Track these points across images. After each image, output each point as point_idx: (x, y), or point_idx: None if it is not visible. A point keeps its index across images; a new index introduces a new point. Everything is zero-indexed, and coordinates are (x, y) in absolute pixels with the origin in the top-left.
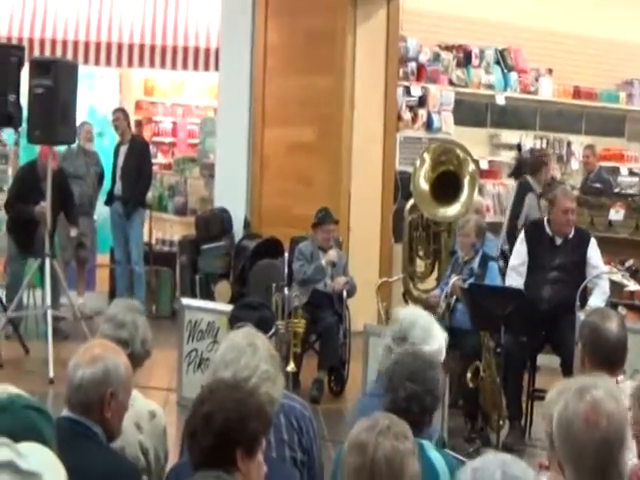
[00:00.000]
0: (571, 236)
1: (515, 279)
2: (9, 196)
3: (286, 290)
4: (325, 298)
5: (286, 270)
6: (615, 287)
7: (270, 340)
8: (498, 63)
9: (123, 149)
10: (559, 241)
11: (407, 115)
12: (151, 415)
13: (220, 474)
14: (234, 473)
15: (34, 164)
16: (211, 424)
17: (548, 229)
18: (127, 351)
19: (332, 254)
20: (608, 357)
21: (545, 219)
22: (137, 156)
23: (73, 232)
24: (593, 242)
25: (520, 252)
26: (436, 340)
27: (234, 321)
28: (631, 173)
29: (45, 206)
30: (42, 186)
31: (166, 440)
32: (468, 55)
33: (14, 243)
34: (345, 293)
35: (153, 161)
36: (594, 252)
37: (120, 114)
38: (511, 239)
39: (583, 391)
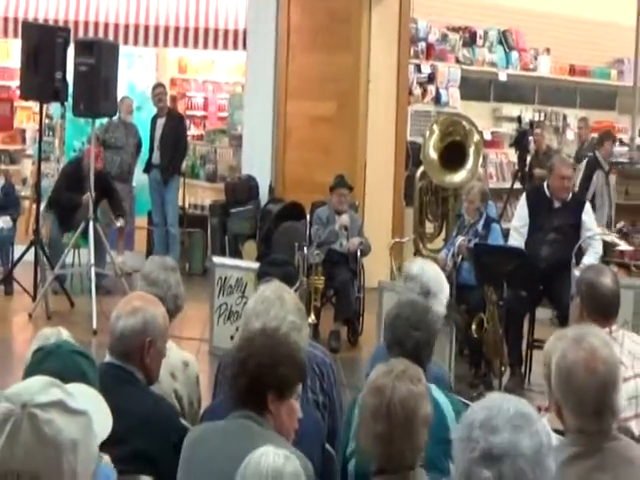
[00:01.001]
0: (568, 200)
1: (517, 239)
2: (56, 186)
3: (306, 250)
4: (341, 257)
5: (307, 232)
6: (607, 247)
7: (295, 293)
8: (501, 43)
9: (160, 121)
10: (557, 205)
11: (417, 90)
12: (184, 365)
13: (250, 414)
14: (265, 415)
15: (80, 161)
16: (246, 368)
17: (547, 193)
18: None
19: (344, 219)
20: (604, 309)
21: (545, 184)
22: (174, 128)
23: (119, 222)
24: (588, 207)
25: (521, 214)
26: (446, 288)
27: (262, 276)
28: (621, 143)
29: (89, 195)
30: (86, 182)
31: (199, 387)
32: (473, 36)
33: (56, 220)
34: (359, 252)
35: (187, 132)
36: (588, 216)
37: (162, 89)
38: None
39: (580, 340)
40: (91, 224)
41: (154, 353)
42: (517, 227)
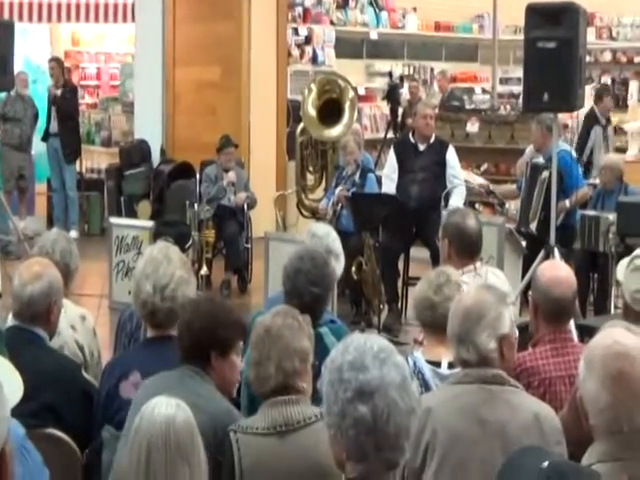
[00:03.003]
0: (432, 142)
1: (388, 185)
2: None
3: (197, 206)
4: (229, 211)
5: (197, 189)
6: (473, 189)
7: (188, 251)
8: (371, 4)
9: (56, 92)
10: (422, 147)
11: (296, 52)
12: (82, 318)
13: (195, 368)
14: (208, 370)
15: None
16: (190, 329)
17: (412, 139)
18: None
19: (231, 175)
20: (470, 249)
21: (410, 133)
22: (69, 99)
23: None
24: (451, 148)
25: (391, 162)
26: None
27: (157, 237)
28: (484, 91)
29: None
30: None
31: (96, 338)
32: None
33: None
34: (246, 206)
35: (81, 102)
36: (451, 156)
37: (54, 63)
38: None
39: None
40: None
41: (56, 310)
42: (388, 174)
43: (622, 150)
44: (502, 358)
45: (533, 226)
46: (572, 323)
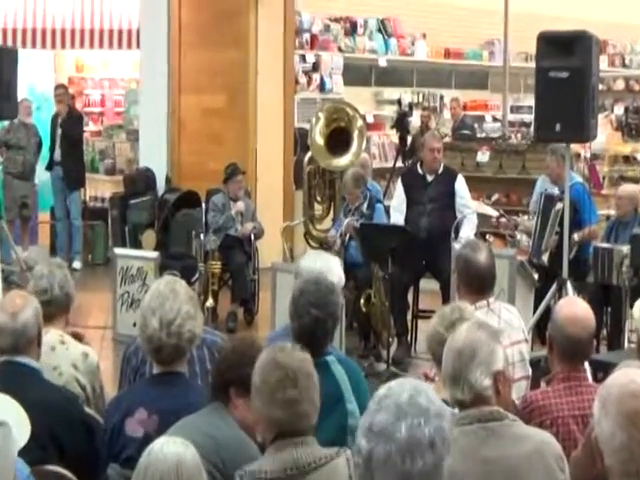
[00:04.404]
0: (440, 172)
1: (397, 218)
2: None
3: (202, 236)
4: (236, 241)
5: (203, 219)
6: (484, 219)
7: (195, 284)
8: (379, 31)
9: (61, 120)
10: (430, 178)
11: (303, 79)
12: (84, 356)
13: (217, 403)
14: (230, 407)
15: None
16: (217, 363)
17: (420, 170)
18: (46, 297)
19: (239, 205)
20: (478, 283)
21: (418, 163)
22: (73, 127)
23: None
24: (460, 178)
25: (398, 194)
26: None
27: (162, 270)
28: (494, 119)
29: None
30: None
31: (100, 375)
32: (354, 25)
33: None
34: (253, 236)
35: (85, 129)
36: (461, 185)
37: (62, 90)
38: None
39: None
40: None
41: (40, 333)
42: (396, 206)
43: (635, 180)
44: (498, 395)
45: (545, 258)
46: None
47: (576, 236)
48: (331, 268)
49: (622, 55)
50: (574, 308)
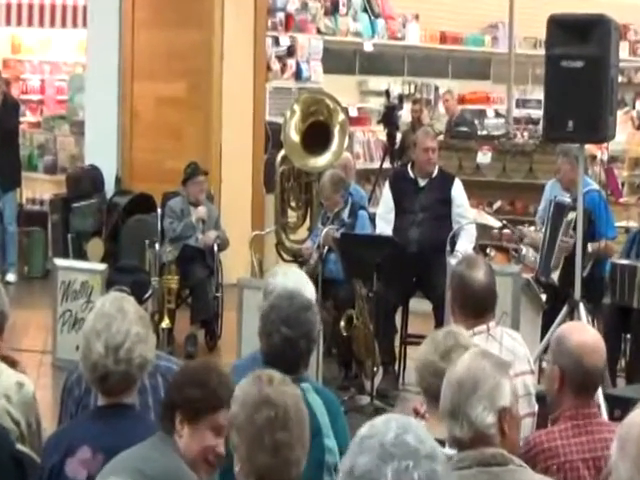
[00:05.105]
0: (434, 176)
1: (384, 229)
2: None
3: (158, 246)
4: (196, 253)
5: (158, 226)
6: (484, 230)
7: (148, 301)
8: (365, 10)
9: None
10: (423, 183)
11: (276, 65)
12: (19, 386)
13: (161, 432)
14: (175, 437)
15: None
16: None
17: (411, 173)
18: None
19: (201, 211)
20: (475, 307)
21: (408, 165)
22: (9, 118)
23: None
24: (457, 182)
25: (386, 200)
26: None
27: (110, 285)
28: (497, 115)
29: None
30: None
31: (37, 407)
32: (335, 3)
33: None
34: (216, 247)
35: (22, 119)
36: (458, 192)
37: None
38: None
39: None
40: None
41: None
42: (382, 215)
43: None
44: (503, 435)
45: (555, 276)
46: (600, 393)
47: (590, 247)
48: (304, 285)
49: None
50: (585, 335)
